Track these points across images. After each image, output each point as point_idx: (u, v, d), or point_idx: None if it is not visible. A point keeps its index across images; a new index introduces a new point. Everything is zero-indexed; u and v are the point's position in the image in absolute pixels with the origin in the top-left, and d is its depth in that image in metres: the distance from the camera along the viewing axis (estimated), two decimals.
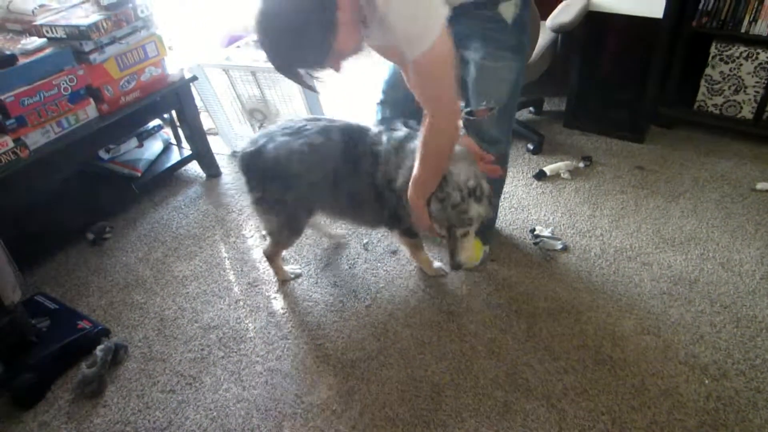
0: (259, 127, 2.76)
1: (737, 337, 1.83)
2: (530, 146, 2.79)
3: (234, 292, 2.13)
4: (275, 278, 2.15)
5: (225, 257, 2.29)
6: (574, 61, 2.81)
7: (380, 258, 2.23)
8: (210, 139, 2.80)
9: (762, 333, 1.84)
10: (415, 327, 1.93)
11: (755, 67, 2.62)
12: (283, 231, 1.97)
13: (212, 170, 2.78)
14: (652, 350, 1.80)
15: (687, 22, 2.64)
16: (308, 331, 1.94)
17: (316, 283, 2.13)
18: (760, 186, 2.47)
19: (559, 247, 2.20)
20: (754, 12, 2.51)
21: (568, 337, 1.86)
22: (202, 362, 1.87)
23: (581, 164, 2.67)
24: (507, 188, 2.55)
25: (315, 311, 2.01)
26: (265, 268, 2.19)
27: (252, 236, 2.38)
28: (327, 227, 2.34)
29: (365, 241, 2.31)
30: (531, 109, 3.12)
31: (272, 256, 2.08)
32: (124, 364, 1.88)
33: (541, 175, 2.61)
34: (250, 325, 1.99)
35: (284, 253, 2.18)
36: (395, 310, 2.00)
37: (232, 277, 2.19)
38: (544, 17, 2.45)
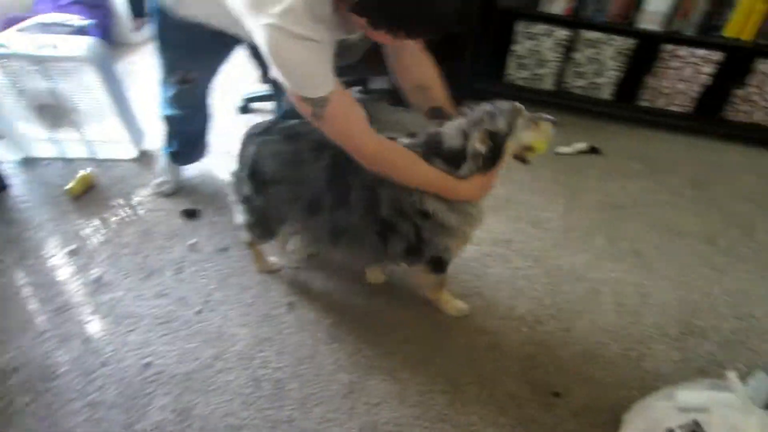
0: (53, 127, 2.44)
1: (547, 286, 2.04)
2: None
3: (37, 323, 1.85)
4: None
5: (22, 284, 1.99)
6: None
7: (209, 258, 2.11)
8: None
9: (566, 279, 2.07)
10: (252, 325, 1.87)
11: (554, 44, 2.89)
12: (255, 230, 1.83)
13: None
14: (477, 309, 1.94)
15: (494, 1, 2.82)
16: (133, 351, 1.78)
17: (139, 295, 1.96)
18: (561, 150, 2.77)
19: None
20: None
21: (403, 308, 1.94)
22: (1, 417, 1.60)
23: (406, 140, 2.74)
24: None
25: (140, 327, 1.85)
26: (76, 289, 1.96)
27: (54, 255, 2.10)
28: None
29: (192, 241, 2.17)
30: (358, 88, 3.15)
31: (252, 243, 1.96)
32: None
33: None
34: (61, 358, 1.75)
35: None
36: (229, 311, 1.91)
37: (34, 306, 1.91)
38: None
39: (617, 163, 2.73)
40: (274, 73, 1.31)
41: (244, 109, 2.98)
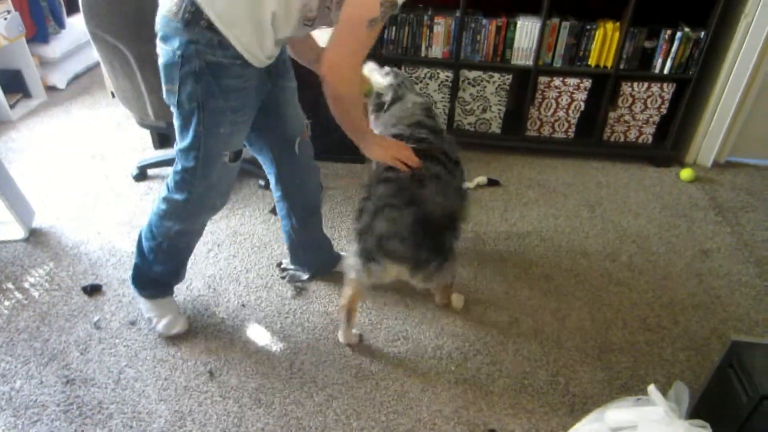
0: None
1: (469, 320, 2.07)
2: (261, 182, 2.79)
3: None
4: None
5: None
6: None
7: (117, 333, 1.97)
8: None
9: (487, 312, 2.11)
10: (171, 400, 1.75)
11: (439, 85, 3.04)
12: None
13: None
14: (405, 353, 1.93)
15: (377, 50, 2.94)
16: None
17: (41, 383, 1.79)
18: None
19: (306, 277, 2.23)
20: (427, 39, 2.92)
21: (329, 363, 1.89)
22: None
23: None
24: (245, 228, 2.52)
25: (44, 417, 1.68)
26: None
27: None
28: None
29: (96, 318, 2.02)
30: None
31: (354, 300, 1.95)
32: None
33: (275, 210, 2.62)
34: None
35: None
36: (145, 388, 1.78)
37: None
38: None
39: (516, 193, 2.87)
40: None
41: (140, 176, 2.85)
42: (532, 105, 3.08)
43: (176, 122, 1.55)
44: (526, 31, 2.85)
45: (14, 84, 3.23)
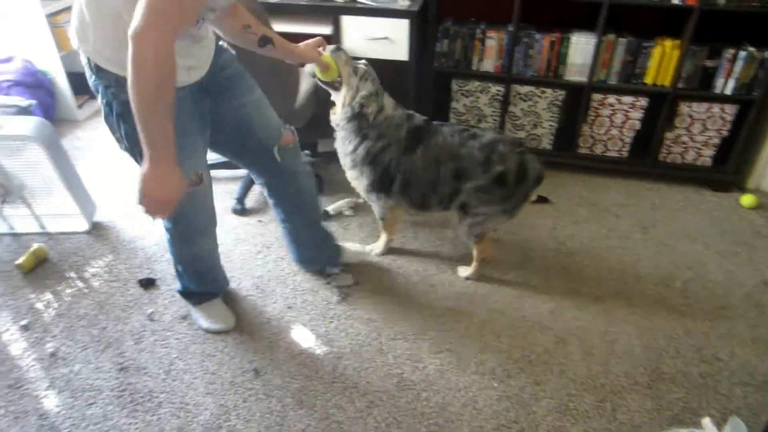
0: (2, 203, 2.38)
1: (513, 338, 2.05)
2: None
3: None
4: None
5: None
6: None
7: (169, 326, 2.04)
8: None
9: (532, 330, 2.08)
10: (217, 393, 1.80)
11: (490, 99, 3.03)
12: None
13: None
14: (448, 366, 1.93)
15: (429, 63, 2.97)
16: (93, 425, 1.68)
17: (97, 368, 1.87)
18: None
19: (351, 282, 2.25)
20: (479, 53, 2.92)
21: (371, 370, 1.90)
22: None
23: (361, 199, 2.78)
24: None
25: (99, 401, 1.76)
26: (31, 364, 1.86)
27: (6, 330, 2.01)
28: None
29: (150, 310, 2.10)
30: (307, 152, 3.19)
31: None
32: None
33: (325, 216, 2.67)
34: None
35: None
36: (193, 380, 1.84)
37: None
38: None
39: (566, 211, 2.82)
40: None
41: None
42: (585, 122, 3.03)
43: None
44: (581, 47, 2.81)
45: (82, 86, 3.41)
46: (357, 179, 2.17)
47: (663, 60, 2.77)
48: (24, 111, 2.99)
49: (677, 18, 2.74)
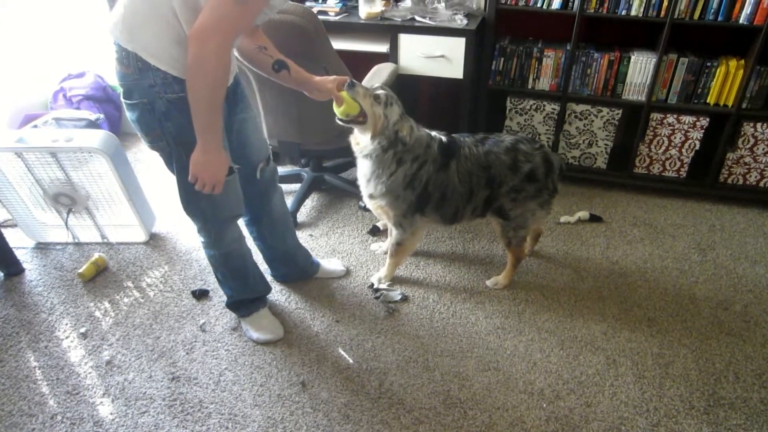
0: (68, 213, 2.50)
1: (563, 358, 2.00)
2: (361, 204, 2.86)
3: (49, 406, 1.83)
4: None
5: (35, 366, 1.97)
6: None
7: (220, 337, 2.09)
8: (6, 232, 2.46)
9: (583, 351, 2.03)
10: (265, 406, 1.82)
11: (544, 117, 3.00)
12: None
13: (12, 268, 2.42)
14: (495, 384, 1.90)
15: (484, 81, 2.97)
16: None
17: (150, 377, 1.93)
18: (563, 219, 2.80)
19: (399, 297, 2.26)
20: (535, 71, 2.90)
21: (418, 386, 1.89)
22: None
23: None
24: (344, 246, 2.60)
25: (151, 410, 1.81)
26: (88, 371, 1.94)
27: (66, 337, 2.10)
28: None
29: (202, 321, 2.16)
30: None
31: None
32: None
33: (375, 231, 2.69)
34: None
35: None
36: (242, 392, 1.87)
37: (45, 389, 1.89)
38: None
39: (620, 231, 2.75)
40: None
41: None
42: (642, 141, 2.95)
43: (164, 162, 1.69)
44: (640, 66, 2.76)
45: None
46: (391, 205, 2.10)
47: (727, 80, 2.69)
48: (92, 124, 3.15)
49: (742, 37, 2.67)
